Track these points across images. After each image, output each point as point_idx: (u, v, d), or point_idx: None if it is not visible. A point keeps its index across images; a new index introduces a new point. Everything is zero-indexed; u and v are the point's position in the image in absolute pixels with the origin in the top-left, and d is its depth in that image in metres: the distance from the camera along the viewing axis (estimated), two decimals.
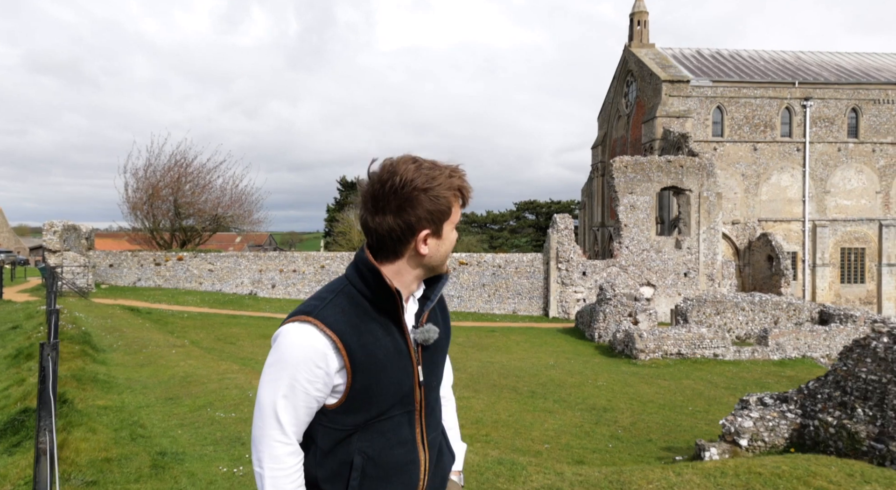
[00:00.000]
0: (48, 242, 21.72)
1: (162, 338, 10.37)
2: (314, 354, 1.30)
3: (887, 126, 30.23)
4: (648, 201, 25.93)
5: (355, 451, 1.37)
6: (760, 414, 5.71)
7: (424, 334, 1.44)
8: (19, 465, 3.23)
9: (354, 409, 1.36)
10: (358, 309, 1.38)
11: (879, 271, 30.20)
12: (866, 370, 5.16)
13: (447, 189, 1.40)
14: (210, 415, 4.96)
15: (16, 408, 4.61)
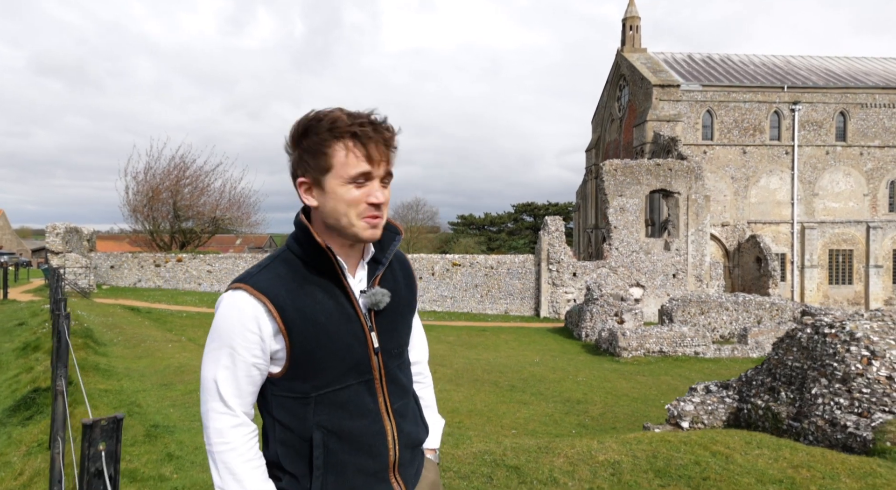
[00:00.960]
0: (51, 244, 22.31)
1: (160, 334, 10.94)
2: (246, 319, 1.26)
3: (875, 129, 30.77)
4: (638, 204, 26.48)
5: (313, 426, 1.31)
6: (701, 399, 6.26)
7: (372, 298, 1.37)
8: (32, 432, 3.78)
9: (301, 375, 1.30)
10: (296, 273, 1.33)
11: (867, 272, 30.72)
12: (792, 358, 5.71)
13: (332, 135, 1.29)
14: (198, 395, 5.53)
15: (26, 389, 5.18)
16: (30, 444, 3.82)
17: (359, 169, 1.29)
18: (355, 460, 1.34)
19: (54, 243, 22.08)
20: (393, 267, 1.49)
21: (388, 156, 1.34)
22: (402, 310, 1.47)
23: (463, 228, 68.86)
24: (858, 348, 5.07)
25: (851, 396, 4.87)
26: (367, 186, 1.32)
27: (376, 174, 1.32)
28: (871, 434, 4.39)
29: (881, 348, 4.99)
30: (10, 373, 6.38)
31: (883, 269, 30.79)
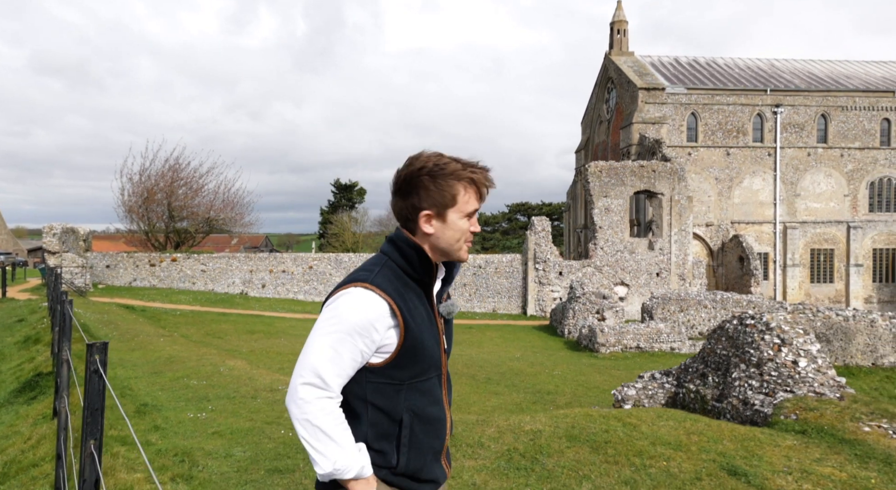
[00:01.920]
0: (48, 244, 22.84)
1: (153, 330, 11.52)
2: (372, 315, 1.48)
3: (854, 132, 31.50)
4: (622, 204, 27.14)
5: (404, 409, 1.53)
6: (644, 385, 6.89)
7: (449, 308, 1.66)
8: (36, 408, 4.37)
9: (403, 364, 1.53)
10: (399, 279, 1.56)
11: (847, 271, 31.45)
12: (721, 347, 6.35)
13: (455, 179, 1.56)
14: (186, 383, 6.14)
15: (29, 375, 5.76)
16: (35, 417, 4.44)
17: (473, 206, 1.61)
18: (428, 440, 1.58)
19: (51, 243, 22.62)
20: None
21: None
22: (453, 320, 1.76)
23: None
24: (771, 337, 5.71)
25: (762, 378, 5.51)
26: (472, 219, 1.63)
27: (477, 210, 1.64)
28: (771, 410, 5.03)
29: (790, 337, 5.63)
30: (13, 362, 6.97)
31: (863, 267, 31.53)
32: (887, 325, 6.79)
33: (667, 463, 3.55)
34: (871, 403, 4.65)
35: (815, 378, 5.23)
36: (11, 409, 5.06)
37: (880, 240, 31.83)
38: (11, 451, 3.97)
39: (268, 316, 21.95)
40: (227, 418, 4.76)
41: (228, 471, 3.55)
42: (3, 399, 5.44)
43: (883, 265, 31.84)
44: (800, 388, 5.17)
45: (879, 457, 3.68)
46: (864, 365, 6.65)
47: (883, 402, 4.64)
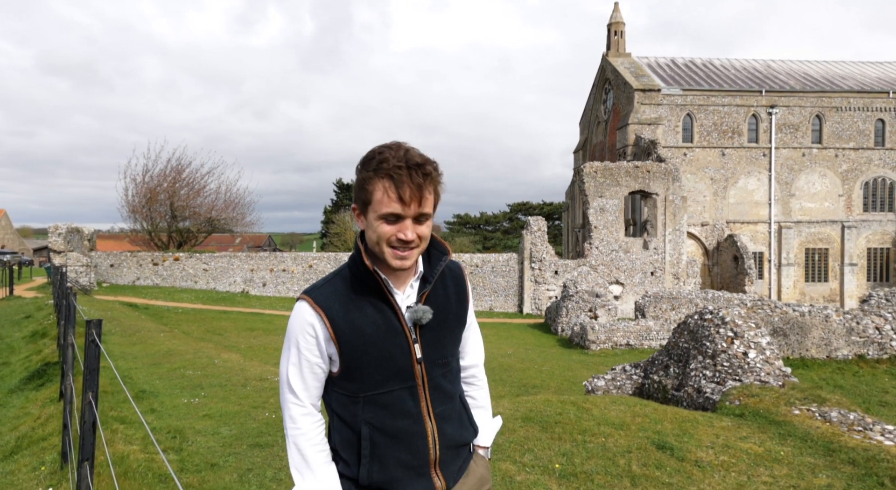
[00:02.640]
0: (53, 244, 23.39)
1: (154, 326, 12.00)
2: (305, 325, 1.48)
3: (849, 132, 31.78)
4: (617, 204, 27.52)
5: (362, 422, 1.49)
6: (613, 376, 7.32)
7: (414, 314, 1.51)
8: (44, 393, 4.82)
9: (352, 377, 1.49)
10: (350, 289, 1.50)
11: (842, 270, 31.74)
12: (683, 340, 6.77)
13: (376, 174, 1.44)
14: (182, 373, 6.60)
15: (37, 365, 6.23)
16: (44, 401, 4.90)
17: (389, 209, 1.43)
18: (397, 455, 1.50)
19: (56, 243, 23.17)
20: (445, 283, 1.60)
21: (422, 198, 1.44)
22: (450, 324, 1.58)
23: (459, 228, 69.67)
24: (726, 330, 6.12)
25: (715, 369, 5.93)
26: (398, 224, 1.44)
27: (407, 214, 1.44)
28: (719, 397, 5.45)
29: (742, 330, 6.05)
30: (22, 354, 7.44)
31: (857, 267, 31.81)
32: (841, 321, 7.16)
33: (605, 439, 3.97)
34: (808, 391, 5.07)
35: (763, 368, 5.65)
36: (22, 395, 5.53)
37: (874, 239, 32.11)
38: (23, 428, 4.44)
39: (267, 314, 22.41)
40: (217, 403, 5.21)
41: (214, 445, 3.99)
42: (14, 386, 5.92)
43: (877, 264, 32.12)
44: (747, 377, 5.59)
45: (799, 435, 4.10)
46: (819, 357, 7.03)
47: (819, 390, 5.05)
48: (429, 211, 1.48)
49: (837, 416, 4.42)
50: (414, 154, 1.48)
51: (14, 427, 4.58)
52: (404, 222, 1.45)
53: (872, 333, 7.00)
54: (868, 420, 4.28)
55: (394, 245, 1.46)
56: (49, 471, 3.39)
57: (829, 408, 4.61)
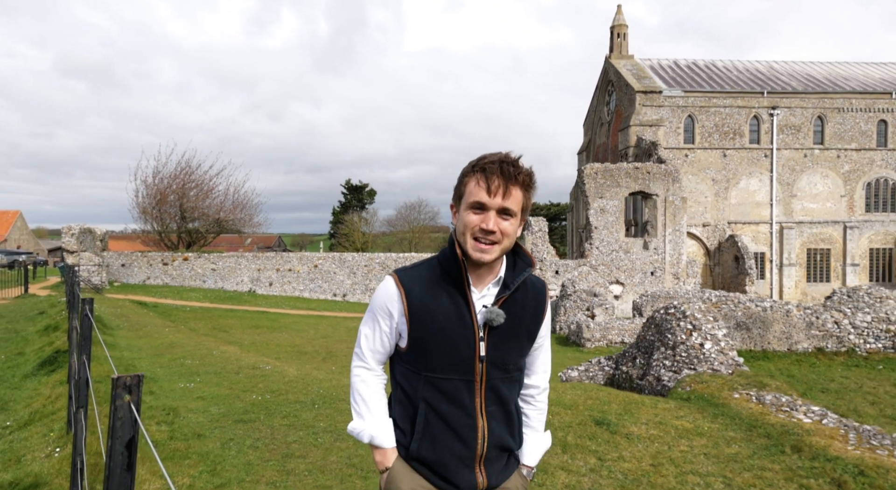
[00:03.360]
0: (66, 244, 24.17)
1: (160, 322, 12.57)
2: (386, 298, 1.63)
3: (851, 133, 31.83)
4: (617, 205, 27.84)
5: (420, 398, 1.60)
6: (586, 367, 7.75)
7: (487, 315, 1.58)
8: (54, 378, 5.34)
9: (416, 356, 1.61)
10: (433, 276, 1.63)
11: (844, 271, 31.79)
12: (650, 333, 7.19)
13: (471, 170, 1.59)
14: (182, 362, 7.13)
15: (49, 354, 6.79)
16: (54, 384, 5.44)
17: (476, 197, 1.55)
18: (447, 440, 1.59)
19: (69, 243, 23.95)
20: (526, 295, 1.67)
21: (507, 191, 1.55)
22: (520, 333, 1.65)
23: None
24: (685, 323, 6.53)
25: (674, 359, 6.35)
26: (483, 214, 1.55)
27: (491, 205, 1.55)
28: (673, 384, 5.87)
29: (701, 323, 6.45)
30: (35, 346, 8.02)
31: (859, 267, 31.85)
32: (801, 316, 7.50)
33: (552, 417, 4.40)
34: (752, 378, 5.47)
35: (717, 358, 6.06)
36: (35, 379, 6.08)
37: (877, 239, 32.13)
38: (35, 405, 4.97)
39: (273, 312, 23.00)
40: (210, 388, 5.71)
41: (203, 421, 4.49)
42: (28, 372, 6.47)
43: (879, 264, 32.14)
44: (701, 366, 6.00)
45: (730, 415, 4.52)
46: (781, 350, 7.36)
47: (762, 377, 5.46)
48: (513, 208, 1.57)
49: (771, 399, 4.83)
50: (510, 155, 1.60)
51: (28, 404, 5.12)
52: (488, 213, 1.55)
53: (831, 327, 7.32)
54: (798, 402, 4.69)
55: (477, 236, 1.56)
56: (56, 436, 3.91)
57: (767, 392, 5.02)
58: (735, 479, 3.18)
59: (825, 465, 3.28)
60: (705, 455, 3.61)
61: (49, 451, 3.61)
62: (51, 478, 3.00)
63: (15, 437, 4.16)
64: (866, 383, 6.19)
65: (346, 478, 3.24)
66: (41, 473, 3.05)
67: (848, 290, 7.96)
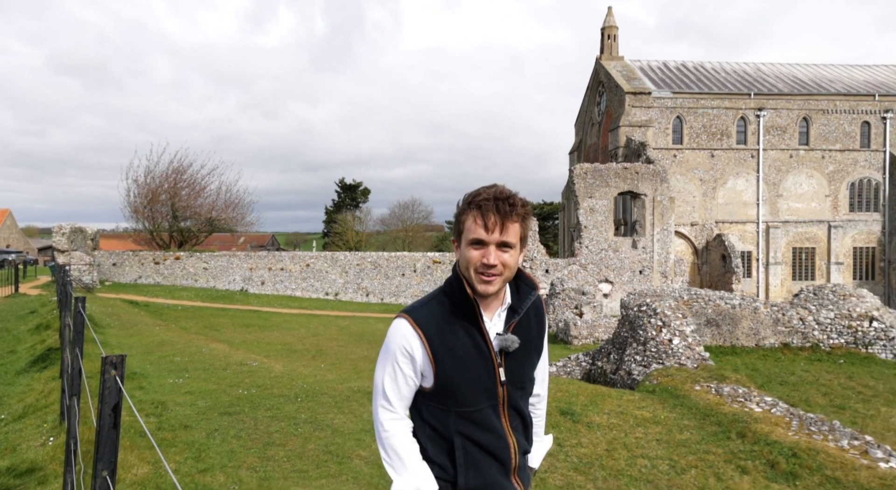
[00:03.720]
0: (57, 243, 24.23)
1: (151, 321, 12.75)
2: (404, 342, 1.64)
3: (836, 134, 32.35)
4: (607, 205, 28.19)
5: (454, 432, 1.64)
6: (564, 363, 8.03)
7: (504, 342, 1.65)
8: (47, 374, 5.55)
9: (444, 393, 1.65)
10: (445, 313, 1.66)
11: (828, 269, 32.32)
12: (624, 330, 7.48)
13: (466, 206, 1.66)
14: (171, 359, 7.35)
15: (41, 351, 6.99)
16: (46, 379, 5.65)
17: (475, 235, 1.61)
18: (489, 465, 1.68)
19: (60, 242, 24.01)
20: (529, 314, 1.76)
21: (504, 226, 1.60)
22: (530, 352, 1.75)
23: None
24: (656, 320, 6.83)
25: (645, 354, 6.64)
26: (483, 250, 1.60)
27: (490, 241, 1.59)
28: (642, 377, 6.15)
29: (670, 319, 6.75)
30: (27, 344, 8.21)
31: (843, 265, 32.38)
32: (768, 312, 7.81)
33: None
34: (714, 371, 5.77)
35: (684, 353, 6.35)
36: (27, 375, 6.28)
37: (860, 239, 32.68)
38: (29, 399, 5.18)
39: (265, 311, 23.15)
40: (198, 383, 5.94)
41: (190, 413, 4.72)
42: (21, 368, 6.67)
43: (863, 263, 32.69)
44: (669, 361, 6.30)
45: (688, 405, 4.81)
46: (749, 345, 7.67)
47: (725, 371, 5.75)
48: (512, 240, 1.62)
49: (729, 391, 5.13)
50: (503, 190, 1.67)
51: (21, 399, 5.33)
52: (488, 248, 1.60)
53: (797, 324, 7.63)
54: (754, 394, 4.98)
55: (479, 270, 1.61)
56: (50, 427, 4.13)
57: (726, 384, 5.32)
58: (680, 461, 3.46)
59: (763, 449, 3.56)
60: (657, 441, 3.89)
61: (43, 441, 3.84)
62: (45, 463, 3.23)
63: (10, 429, 4.39)
64: (823, 376, 6.51)
65: (322, 463, 3.49)
66: (36, 460, 3.28)
67: (814, 288, 8.28)
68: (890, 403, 5.41)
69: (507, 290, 1.73)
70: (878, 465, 3.26)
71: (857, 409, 5.27)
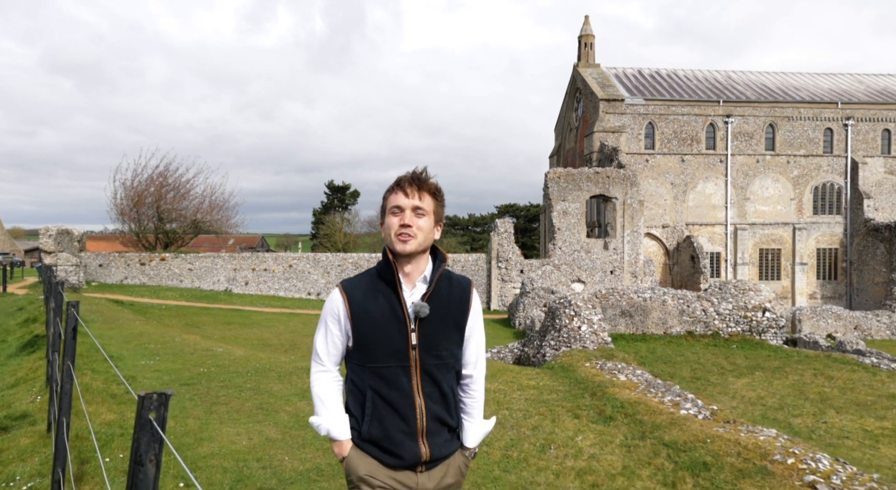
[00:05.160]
0: (44, 245, 24.96)
1: (133, 317, 13.63)
2: (334, 305, 1.95)
3: (800, 140, 33.71)
4: (579, 208, 29.30)
5: (367, 386, 1.90)
6: (498, 350, 9.04)
7: (414, 308, 1.88)
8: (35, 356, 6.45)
9: (360, 350, 1.91)
10: (371, 281, 1.95)
11: (793, 269, 33.64)
12: (548, 320, 8.51)
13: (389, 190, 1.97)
14: (146, 346, 8.28)
15: (29, 338, 7.89)
16: (34, 360, 6.57)
17: (395, 202, 1.93)
18: (392, 418, 1.89)
19: (47, 244, 24.75)
20: (451, 290, 1.97)
21: (420, 194, 1.92)
22: (447, 324, 1.94)
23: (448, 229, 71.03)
24: (570, 310, 7.85)
25: (558, 339, 7.66)
26: (401, 214, 1.90)
27: (406, 205, 1.90)
28: (551, 358, 7.17)
29: (581, 310, 7.78)
30: (16, 334, 9.09)
31: (808, 266, 33.72)
32: (675, 304, 8.85)
33: None
34: (609, 352, 6.80)
35: (589, 338, 7.38)
36: (18, 358, 7.19)
37: (823, 240, 34.05)
38: (20, 374, 6.09)
39: (247, 310, 23.95)
40: (166, 364, 6.89)
41: (155, 384, 5.66)
42: (12, 353, 7.57)
43: (826, 263, 34.05)
44: (577, 344, 7.32)
45: (572, 377, 5.82)
46: (658, 333, 8.69)
47: (614, 351, 6.78)
48: (425, 207, 1.92)
49: (611, 366, 6.15)
50: (418, 170, 1.98)
51: (14, 374, 6.24)
52: (405, 212, 1.91)
53: (700, 314, 8.65)
54: (629, 368, 6.01)
55: (397, 232, 1.89)
56: (38, 391, 5.05)
57: (610, 362, 6.34)
58: (533, 411, 4.43)
59: (602, 403, 4.55)
60: (526, 399, 4.89)
61: (32, 399, 4.76)
62: (34, 412, 4.14)
63: (6, 394, 5.30)
64: (705, 357, 7.53)
65: (253, 415, 4.44)
66: (27, 410, 4.18)
67: (720, 284, 9.31)
68: (740, 376, 6.43)
69: (429, 266, 1.97)
70: (679, 411, 4.23)
71: (710, 379, 6.28)
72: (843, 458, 3.49)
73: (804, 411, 5.08)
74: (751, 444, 3.41)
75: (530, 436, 3.97)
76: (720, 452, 3.35)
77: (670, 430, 3.86)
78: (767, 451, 3.29)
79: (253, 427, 4.12)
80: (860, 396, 5.48)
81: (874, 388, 5.75)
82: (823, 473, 3.04)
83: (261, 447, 3.64)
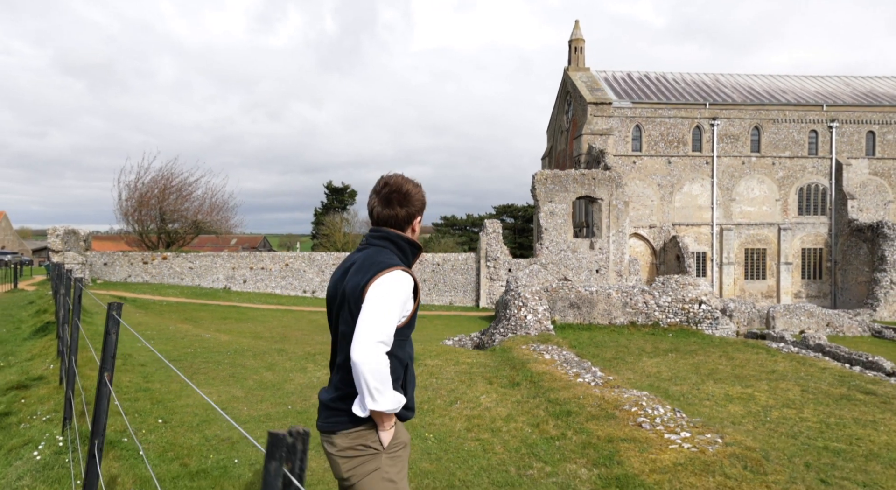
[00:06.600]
0: (52, 244, 26.09)
1: (134, 310, 14.68)
2: (407, 287, 2.11)
3: (785, 142, 34.55)
4: (566, 209, 30.24)
5: (407, 356, 2.14)
6: (459, 338, 10.03)
7: None
8: (46, 339, 7.48)
9: (410, 324, 2.15)
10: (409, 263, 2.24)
11: (778, 269, 34.49)
12: (500, 311, 9.49)
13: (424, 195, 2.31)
14: (142, 332, 9.30)
15: (42, 325, 8.93)
16: (47, 341, 7.59)
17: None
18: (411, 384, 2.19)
19: (55, 243, 25.89)
20: None
21: None
22: None
23: (446, 229, 71.98)
24: (520, 302, 8.83)
25: (507, 327, 8.64)
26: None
27: None
28: (498, 343, 8.15)
29: (528, 301, 8.75)
30: (29, 323, 10.13)
31: (792, 265, 34.56)
32: (619, 297, 9.77)
33: None
34: (547, 337, 7.77)
35: (533, 325, 8.36)
36: (32, 340, 8.21)
37: (808, 240, 34.88)
38: (35, 351, 7.09)
39: (244, 306, 25.02)
40: (159, 346, 7.89)
41: (148, 361, 6.67)
42: (27, 336, 8.60)
43: (810, 263, 34.88)
44: (522, 331, 8.30)
45: (506, 356, 6.79)
46: (604, 324, 9.59)
47: (553, 337, 7.75)
48: None
49: (543, 348, 7.12)
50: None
51: (29, 351, 7.25)
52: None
53: (642, 306, 9.55)
54: (557, 350, 6.97)
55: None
56: (51, 361, 6.06)
57: (545, 345, 7.32)
58: (456, 380, 5.40)
59: (517, 374, 5.51)
60: (456, 372, 5.86)
61: (46, 367, 5.75)
62: (48, 375, 5.12)
63: (24, 364, 6.30)
64: (636, 343, 8.44)
65: (226, 381, 5.43)
66: (42, 375, 5.16)
67: (664, 279, 10.23)
68: (654, 356, 7.35)
69: None
70: (577, 380, 5.19)
71: (626, 359, 7.21)
72: (691, 414, 4.43)
73: (687, 381, 6.00)
74: (611, 399, 4.34)
75: (445, 396, 4.93)
76: (585, 405, 4.27)
77: (559, 392, 4.81)
78: (620, 404, 4.22)
79: (224, 388, 5.09)
80: (745, 371, 6.37)
81: (762, 366, 6.64)
82: (652, 417, 3.99)
83: (227, 401, 4.61)
